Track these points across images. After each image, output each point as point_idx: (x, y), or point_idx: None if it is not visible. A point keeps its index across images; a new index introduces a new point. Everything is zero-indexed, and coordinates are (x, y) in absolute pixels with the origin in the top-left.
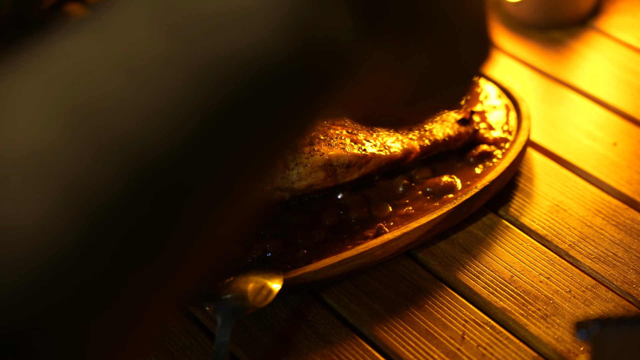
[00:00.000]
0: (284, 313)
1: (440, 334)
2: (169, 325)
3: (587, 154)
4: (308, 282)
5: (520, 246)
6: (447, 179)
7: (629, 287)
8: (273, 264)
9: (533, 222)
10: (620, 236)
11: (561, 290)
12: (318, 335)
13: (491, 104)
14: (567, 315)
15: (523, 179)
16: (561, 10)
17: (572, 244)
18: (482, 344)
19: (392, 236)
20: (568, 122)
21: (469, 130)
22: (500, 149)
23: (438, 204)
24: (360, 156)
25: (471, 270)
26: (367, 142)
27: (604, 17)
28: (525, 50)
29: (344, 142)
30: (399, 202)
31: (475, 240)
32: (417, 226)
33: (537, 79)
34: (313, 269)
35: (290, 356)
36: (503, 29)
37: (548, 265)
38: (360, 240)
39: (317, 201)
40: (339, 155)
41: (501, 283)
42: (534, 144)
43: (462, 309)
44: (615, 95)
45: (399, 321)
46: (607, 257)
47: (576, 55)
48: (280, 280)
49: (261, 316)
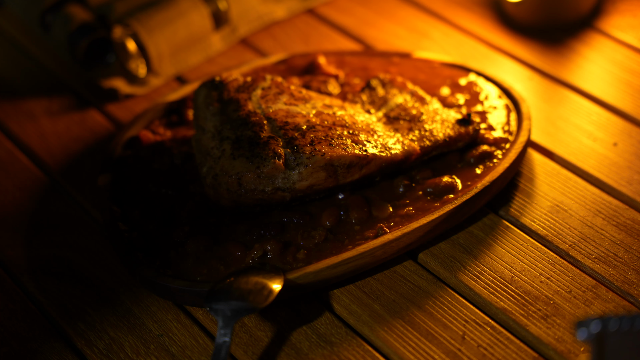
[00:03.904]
0: (285, 313)
1: (440, 334)
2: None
3: (587, 154)
4: (308, 283)
5: (520, 246)
6: (448, 179)
7: (629, 288)
8: (273, 264)
9: (533, 222)
10: (620, 236)
11: (562, 290)
12: (318, 335)
13: (492, 104)
14: (567, 316)
15: (523, 179)
16: (561, 10)
17: (573, 244)
18: (483, 344)
19: (392, 236)
20: (568, 123)
21: (470, 131)
22: (501, 149)
23: (438, 205)
24: (361, 157)
25: (472, 270)
26: (368, 143)
27: (604, 18)
28: (525, 50)
29: (345, 142)
30: (400, 203)
31: (475, 241)
32: (418, 226)
33: (538, 79)
34: (313, 270)
35: (290, 356)
36: (503, 29)
37: (548, 266)
38: (360, 241)
39: (317, 202)
40: (340, 155)
41: (502, 283)
42: (534, 144)
43: (462, 309)
44: (616, 96)
45: (400, 321)
46: (608, 257)
47: (576, 56)
48: (281, 280)
49: (261, 316)
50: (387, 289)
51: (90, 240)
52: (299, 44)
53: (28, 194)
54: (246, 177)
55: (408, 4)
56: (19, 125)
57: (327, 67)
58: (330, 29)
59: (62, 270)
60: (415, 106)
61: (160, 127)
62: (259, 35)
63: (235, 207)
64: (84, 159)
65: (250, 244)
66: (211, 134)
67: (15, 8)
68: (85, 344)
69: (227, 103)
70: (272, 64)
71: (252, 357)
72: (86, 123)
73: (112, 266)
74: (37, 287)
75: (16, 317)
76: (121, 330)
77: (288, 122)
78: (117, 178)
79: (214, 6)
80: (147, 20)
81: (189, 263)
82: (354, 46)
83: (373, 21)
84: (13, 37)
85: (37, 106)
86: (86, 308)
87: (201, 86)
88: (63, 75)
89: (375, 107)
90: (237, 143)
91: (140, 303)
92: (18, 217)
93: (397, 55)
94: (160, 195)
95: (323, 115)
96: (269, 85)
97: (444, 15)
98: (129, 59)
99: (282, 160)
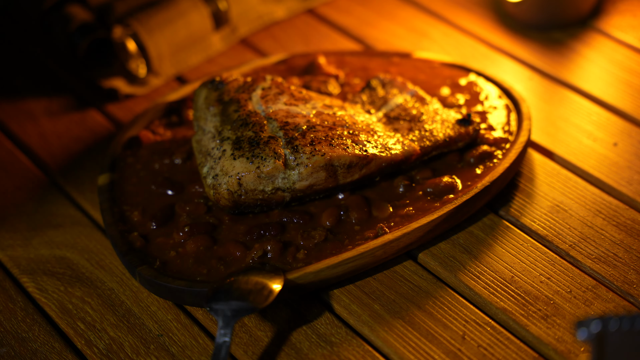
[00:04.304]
0: (285, 313)
1: (440, 334)
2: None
3: (587, 155)
4: (308, 283)
5: (520, 246)
6: (448, 179)
7: (629, 288)
8: (273, 264)
9: (534, 222)
10: (620, 236)
11: (562, 290)
12: (319, 335)
13: (492, 104)
14: (567, 316)
15: (523, 179)
16: (561, 10)
17: (573, 244)
18: (483, 345)
19: (392, 236)
20: (568, 123)
21: (470, 131)
22: (501, 149)
23: (438, 205)
24: (361, 157)
25: (472, 270)
26: (368, 143)
27: (604, 18)
28: (525, 50)
29: (346, 142)
30: (400, 203)
31: (475, 241)
32: (418, 226)
33: (538, 79)
34: (313, 270)
35: (290, 356)
36: (503, 29)
37: (548, 266)
38: (360, 241)
39: (317, 202)
40: (340, 155)
41: (502, 283)
42: (534, 144)
43: (462, 309)
44: (616, 95)
45: (400, 321)
46: (608, 257)
47: (576, 56)
48: (281, 280)
49: (262, 316)
50: (387, 289)
51: (90, 240)
52: (299, 44)
53: (28, 194)
54: (246, 177)
55: (408, 4)
56: (19, 125)
57: (327, 67)
58: (330, 29)
59: (62, 270)
60: (416, 106)
61: (160, 127)
62: (259, 35)
63: (235, 207)
64: (84, 159)
65: (250, 244)
66: (211, 134)
67: (16, 8)
68: (85, 344)
69: (228, 103)
70: (272, 64)
71: (252, 357)
72: (86, 123)
73: (112, 266)
74: (37, 287)
75: (16, 317)
76: (121, 330)
77: (288, 122)
78: (117, 178)
79: (214, 6)
80: (147, 20)
81: (189, 263)
82: (354, 46)
83: (373, 21)
84: (13, 37)
85: (37, 106)
86: (86, 308)
87: (201, 86)
88: (63, 76)
89: (375, 107)
90: (238, 143)
91: (140, 303)
92: (18, 217)
93: (397, 55)
94: (160, 195)
95: (323, 116)
96: (269, 86)
97: (444, 15)
98: (129, 59)
99: (282, 160)
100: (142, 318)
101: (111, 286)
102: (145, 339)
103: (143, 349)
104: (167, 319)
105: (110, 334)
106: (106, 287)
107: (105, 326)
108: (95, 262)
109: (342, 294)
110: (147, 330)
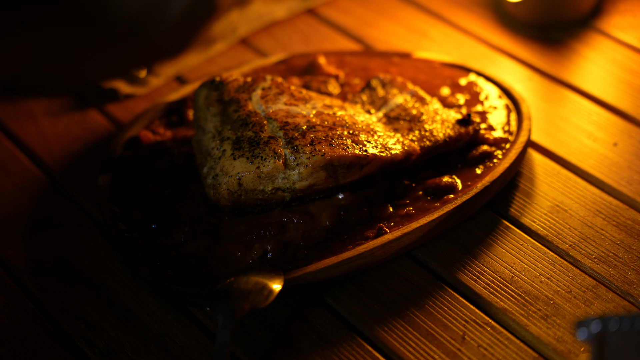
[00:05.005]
0: (285, 313)
1: (440, 334)
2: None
3: (587, 155)
4: (308, 283)
5: (520, 246)
6: (448, 179)
7: (629, 288)
8: (273, 264)
9: (533, 222)
10: (620, 236)
11: (562, 290)
12: (319, 335)
13: (492, 104)
14: (567, 316)
15: (524, 179)
16: (561, 10)
17: (573, 244)
18: (483, 345)
19: (392, 236)
20: (568, 123)
21: (470, 131)
22: (501, 149)
23: (439, 205)
24: (362, 157)
25: (472, 270)
26: (368, 143)
27: (604, 18)
28: (525, 50)
29: (346, 142)
30: (400, 203)
31: (475, 241)
32: (418, 226)
33: (537, 79)
34: (313, 270)
35: (290, 356)
36: (503, 29)
37: (548, 266)
38: (360, 241)
39: (317, 202)
40: (340, 155)
41: (502, 283)
42: (534, 144)
43: (462, 309)
44: (616, 95)
45: (400, 321)
46: (608, 257)
47: (576, 56)
48: (281, 280)
49: (262, 316)
50: (387, 289)
51: (90, 240)
52: (299, 44)
53: (28, 194)
54: (246, 177)
55: (408, 4)
56: (19, 125)
57: (327, 67)
58: (330, 29)
59: (62, 270)
60: (416, 106)
61: (160, 127)
62: (259, 35)
63: (235, 207)
64: (84, 159)
65: (250, 244)
66: (211, 134)
67: None
68: (85, 344)
69: (228, 103)
70: (272, 64)
71: (252, 357)
72: (86, 123)
73: (112, 266)
74: (37, 287)
75: (16, 317)
76: (121, 330)
77: (288, 122)
78: (117, 178)
79: None
80: None
81: (189, 263)
82: (354, 46)
83: (373, 21)
84: None
85: (37, 106)
86: (86, 308)
87: (201, 86)
88: None
89: (375, 107)
90: (238, 143)
91: (140, 303)
92: (18, 217)
93: (397, 55)
94: (160, 195)
95: (323, 116)
96: (269, 86)
97: (444, 15)
98: None
99: (282, 160)
100: (142, 318)
101: (111, 286)
102: (145, 339)
103: (143, 349)
104: (167, 319)
105: (110, 334)
106: (106, 287)
107: (105, 326)
108: (95, 262)
109: (342, 294)
110: (147, 330)
